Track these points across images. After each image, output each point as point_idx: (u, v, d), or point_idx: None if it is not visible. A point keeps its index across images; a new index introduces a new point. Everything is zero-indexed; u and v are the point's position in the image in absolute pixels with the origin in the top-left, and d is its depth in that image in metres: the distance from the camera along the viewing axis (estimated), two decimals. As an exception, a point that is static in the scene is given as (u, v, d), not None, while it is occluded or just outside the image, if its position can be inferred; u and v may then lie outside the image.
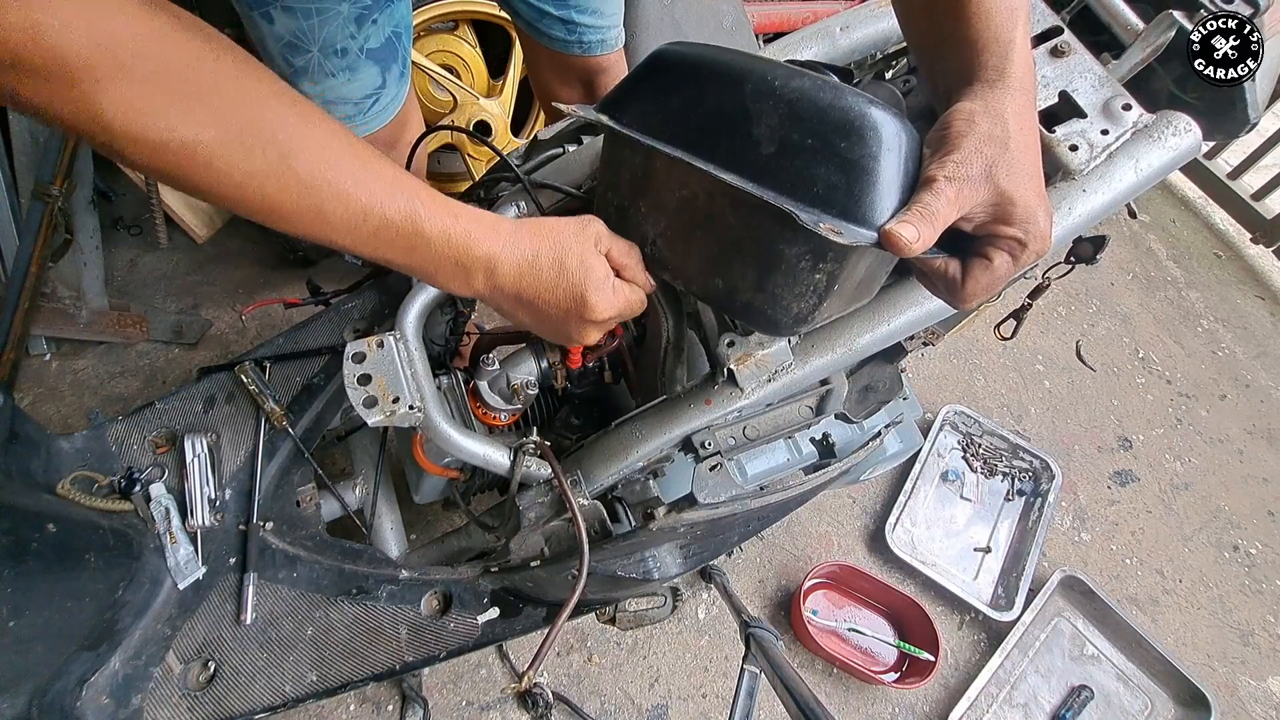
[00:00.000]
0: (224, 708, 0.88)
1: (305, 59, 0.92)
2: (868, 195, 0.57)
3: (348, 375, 0.75)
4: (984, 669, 1.51)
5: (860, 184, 0.57)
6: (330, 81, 0.95)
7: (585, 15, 1.09)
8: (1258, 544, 1.89)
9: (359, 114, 1.01)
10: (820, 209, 0.58)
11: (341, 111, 0.99)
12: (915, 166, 0.60)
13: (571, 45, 1.13)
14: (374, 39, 0.94)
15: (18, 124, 1.40)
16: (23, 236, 1.43)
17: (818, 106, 0.59)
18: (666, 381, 0.91)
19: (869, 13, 0.92)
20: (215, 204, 0.76)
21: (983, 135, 0.57)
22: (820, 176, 0.58)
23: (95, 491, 0.93)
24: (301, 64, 0.92)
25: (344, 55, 0.93)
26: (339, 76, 0.94)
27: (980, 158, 0.57)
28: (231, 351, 1.75)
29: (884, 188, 0.58)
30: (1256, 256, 2.64)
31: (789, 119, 0.59)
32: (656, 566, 0.89)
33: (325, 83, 0.94)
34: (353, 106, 0.99)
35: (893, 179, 0.58)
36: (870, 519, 1.74)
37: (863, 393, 0.99)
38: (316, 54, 0.91)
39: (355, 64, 0.95)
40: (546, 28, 1.11)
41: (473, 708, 1.38)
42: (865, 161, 0.57)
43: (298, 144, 0.51)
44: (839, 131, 0.58)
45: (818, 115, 0.58)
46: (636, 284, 0.72)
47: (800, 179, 0.59)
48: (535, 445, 0.84)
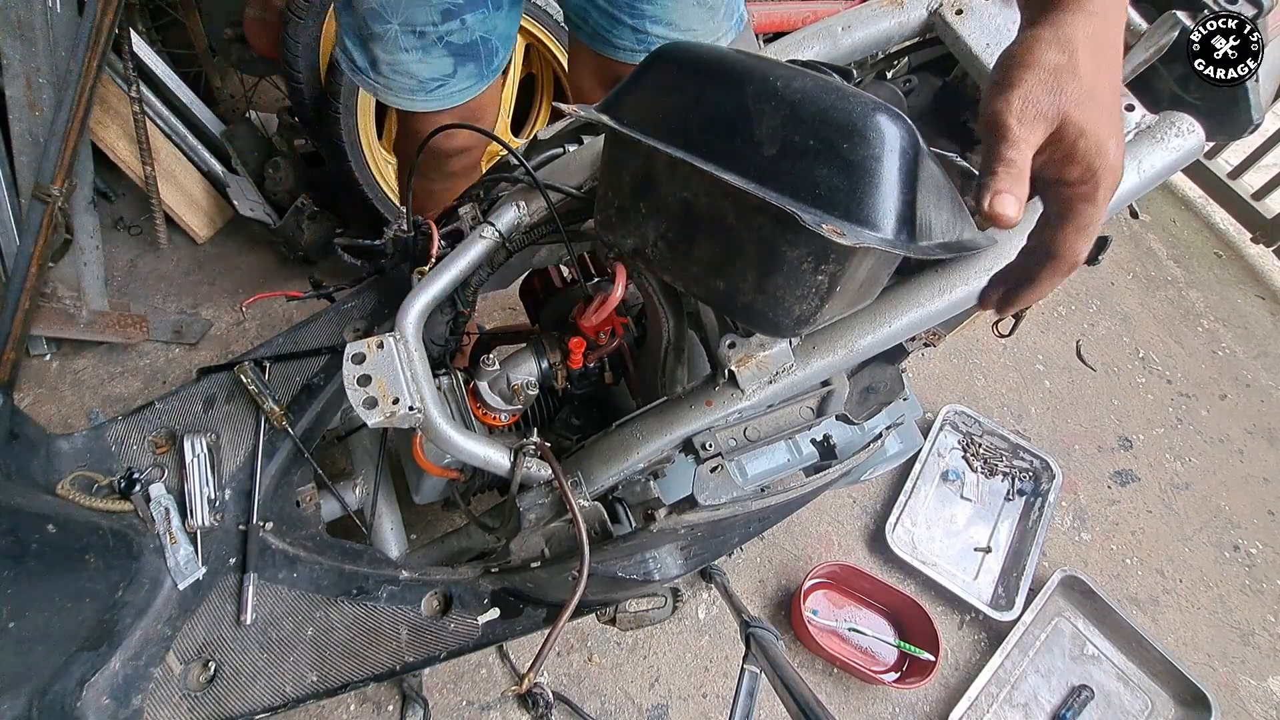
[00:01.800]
0: (224, 708, 0.88)
1: (385, 28, 0.98)
2: (871, 197, 0.57)
3: (347, 376, 0.75)
4: (984, 669, 1.51)
5: (863, 185, 0.57)
6: (402, 56, 1.00)
7: (659, 26, 1.09)
8: (1258, 544, 1.89)
9: (422, 90, 1.06)
10: (823, 210, 0.57)
11: (405, 84, 1.04)
12: (916, 167, 0.59)
13: (638, 55, 1.13)
14: (458, 36, 0.99)
15: (18, 124, 1.40)
16: (23, 236, 1.43)
17: (819, 108, 0.58)
18: (667, 382, 0.91)
19: (870, 12, 0.91)
20: None
21: (1048, 66, 0.50)
22: (822, 178, 0.58)
23: (95, 492, 0.93)
24: (379, 30, 0.98)
25: (421, 37, 0.98)
26: (411, 54, 1.00)
27: (1046, 91, 0.50)
28: (232, 351, 1.75)
29: (887, 189, 0.57)
30: (1257, 256, 2.64)
31: (791, 120, 0.59)
32: (657, 568, 0.89)
33: (397, 55, 1.00)
34: (417, 83, 1.04)
35: (895, 180, 0.57)
36: (870, 519, 1.74)
37: (864, 394, 0.99)
38: (396, 27, 0.97)
39: (430, 49, 1.00)
40: (615, 36, 1.11)
41: (473, 707, 1.38)
42: (868, 163, 0.57)
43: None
44: (841, 133, 0.57)
45: (819, 116, 0.58)
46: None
47: (802, 180, 0.58)
48: (536, 446, 0.84)
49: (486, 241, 0.89)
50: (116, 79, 1.60)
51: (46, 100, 1.40)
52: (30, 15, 1.34)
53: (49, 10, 1.35)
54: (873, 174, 0.57)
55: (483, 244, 0.89)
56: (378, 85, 1.06)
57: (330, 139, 1.60)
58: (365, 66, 1.05)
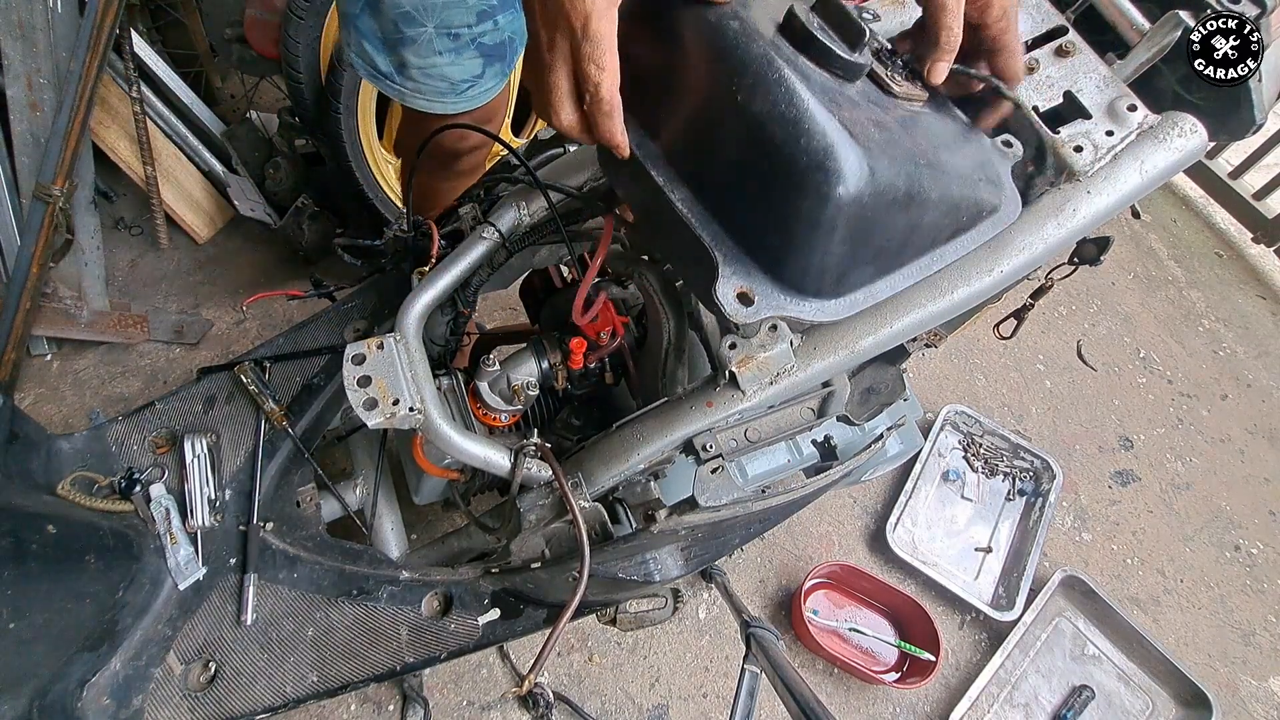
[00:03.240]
0: (225, 708, 0.88)
1: (418, 32, 0.96)
2: (797, 261, 0.58)
3: (348, 377, 0.75)
4: (985, 669, 1.51)
5: (791, 248, 0.57)
6: (435, 59, 0.99)
7: None
8: (1259, 544, 1.89)
9: (453, 93, 1.04)
10: (750, 253, 0.60)
11: (436, 87, 1.03)
12: (866, 219, 0.59)
13: None
14: (489, 37, 0.99)
15: (19, 124, 1.40)
16: (24, 237, 1.43)
17: (773, 142, 0.55)
18: (668, 383, 0.91)
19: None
20: None
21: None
22: (756, 223, 0.57)
23: (95, 492, 0.93)
24: (412, 34, 0.97)
25: (455, 39, 0.98)
26: (444, 56, 0.99)
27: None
28: (232, 352, 1.75)
29: (816, 263, 0.58)
30: (1258, 256, 2.63)
31: (745, 143, 0.57)
32: (657, 569, 0.88)
33: (430, 59, 0.99)
34: (449, 85, 1.03)
35: (833, 255, 0.57)
36: (871, 519, 1.73)
37: (864, 394, 0.99)
38: (431, 30, 0.96)
39: (463, 50, 0.99)
40: None
41: (474, 708, 1.38)
42: (802, 225, 0.56)
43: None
44: (787, 178, 0.55)
45: (771, 151, 0.55)
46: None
47: (739, 215, 0.59)
48: (536, 447, 0.84)
49: (487, 241, 0.89)
50: (117, 79, 1.60)
51: (47, 100, 1.40)
52: (31, 16, 1.34)
53: (50, 11, 1.35)
54: (805, 240, 0.56)
55: (483, 244, 0.89)
56: (406, 89, 1.04)
57: (331, 139, 1.60)
58: (390, 71, 1.02)
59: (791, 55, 0.58)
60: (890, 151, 0.57)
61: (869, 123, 0.58)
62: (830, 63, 0.60)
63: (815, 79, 0.58)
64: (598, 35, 0.59)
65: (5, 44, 1.34)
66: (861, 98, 0.61)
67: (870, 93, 0.64)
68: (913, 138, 0.62)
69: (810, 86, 0.56)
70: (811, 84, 0.56)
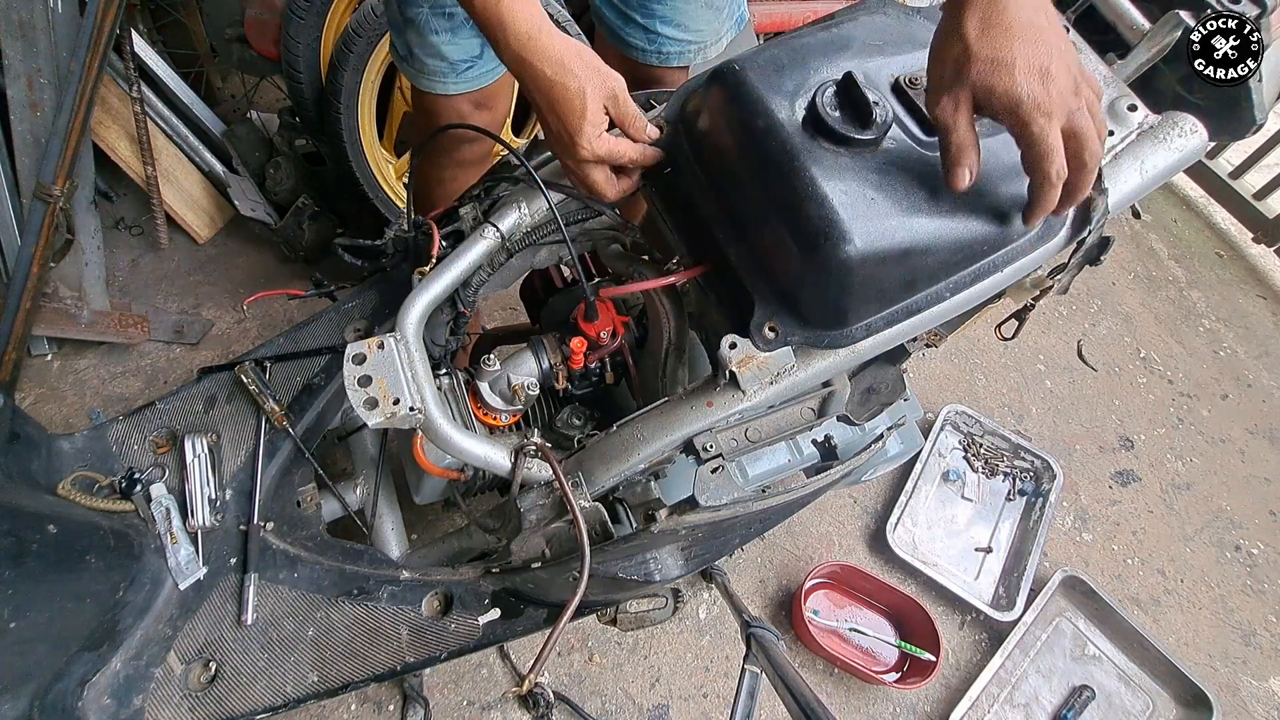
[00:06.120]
0: (225, 708, 0.88)
1: (417, 11, 1.00)
2: (811, 304, 0.71)
3: (348, 377, 0.75)
4: (985, 669, 1.51)
5: (806, 297, 0.73)
6: (433, 38, 1.02)
7: (668, 27, 1.11)
8: (1259, 544, 1.89)
9: (452, 73, 1.08)
10: (775, 293, 0.74)
11: (436, 66, 1.06)
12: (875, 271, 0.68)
13: (650, 55, 1.15)
14: None
15: (19, 124, 1.40)
16: (24, 237, 1.43)
17: (786, 213, 0.69)
18: (668, 383, 0.91)
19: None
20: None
21: (949, 61, 0.63)
22: (779, 268, 0.73)
23: (96, 492, 0.93)
24: (412, 15, 1.01)
25: (450, 19, 1.01)
26: (441, 35, 1.02)
27: (954, 81, 0.62)
28: (233, 351, 1.75)
29: (828, 303, 0.71)
30: (1258, 256, 2.63)
31: (769, 211, 0.71)
32: (658, 568, 0.88)
33: (429, 37, 1.03)
34: (447, 65, 1.06)
35: (839, 297, 0.70)
36: (871, 519, 1.73)
37: (865, 395, 0.98)
38: (426, 10, 1.00)
39: (459, 30, 1.02)
40: (628, 35, 1.14)
41: (474, 707, 1.38)
42: (817, 276, 0.69)
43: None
44: (800, 242, 0.68)
45: (787, 221, 0.69)
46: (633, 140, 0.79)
47: (764, 258, 0.74)
48: (536, 447, 0.84)
49: (487, 241, 0.89)
50: (118, 79, 1.60)
51: (48, 100, 1.40)
52: (32, 16, 1.34)
53: (50, 11, 1.35)
54: (820, 292, 0.71)
55: (484, 244, 0.89)
56: (413, 70, 1.08)
57: (331, 139, 1.60)
58: (406, 54, 1.08)
59: (809, 144, 0.70)
60: (886, 218, 0.67)
61: (869, 192, 0.68)
62: (846, 143, 0.69)
63: (827, 160, 0.68)
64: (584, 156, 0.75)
65: (6, 44, 1.34)
66: (879, 163, 0.70)
67: (896, 150, 0.71)
68: (924, 189, 0.69)
69: (821, 169, 0.67)
70: (823, 166, 0.68)
